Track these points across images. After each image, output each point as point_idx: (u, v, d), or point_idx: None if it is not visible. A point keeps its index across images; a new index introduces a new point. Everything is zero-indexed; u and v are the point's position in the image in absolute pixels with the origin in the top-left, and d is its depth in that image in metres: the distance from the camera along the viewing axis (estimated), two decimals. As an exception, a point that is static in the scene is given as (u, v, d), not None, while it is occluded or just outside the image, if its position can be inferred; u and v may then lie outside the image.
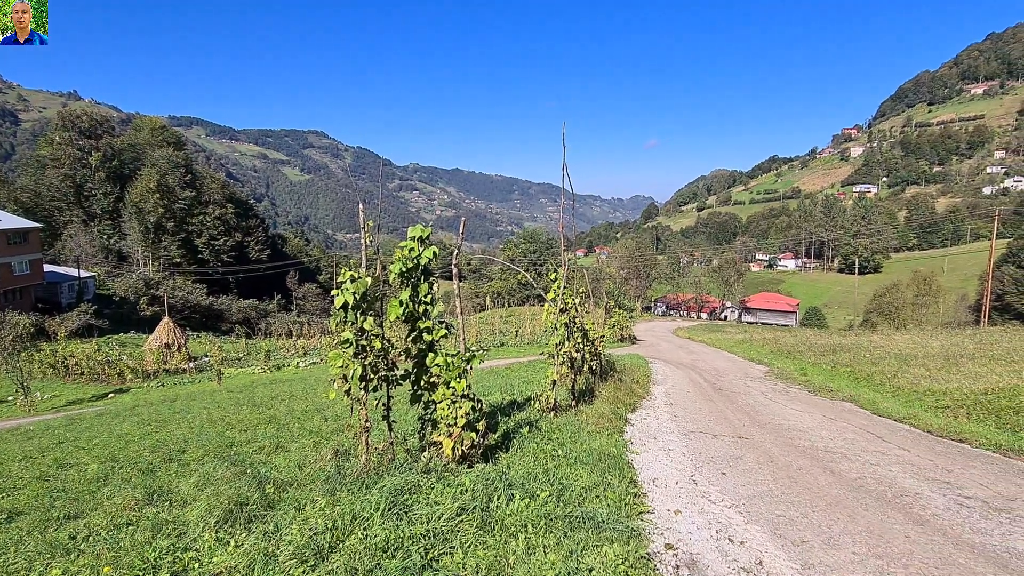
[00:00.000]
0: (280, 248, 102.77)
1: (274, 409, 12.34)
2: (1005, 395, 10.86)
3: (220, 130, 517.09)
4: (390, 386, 5.84)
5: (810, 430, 9.23)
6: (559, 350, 9.00)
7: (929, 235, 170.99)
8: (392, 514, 4.43)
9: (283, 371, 27.43)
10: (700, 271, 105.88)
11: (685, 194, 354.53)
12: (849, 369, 16.96)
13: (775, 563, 4.30)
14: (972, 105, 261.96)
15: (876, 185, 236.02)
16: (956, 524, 5.11)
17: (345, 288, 5.32)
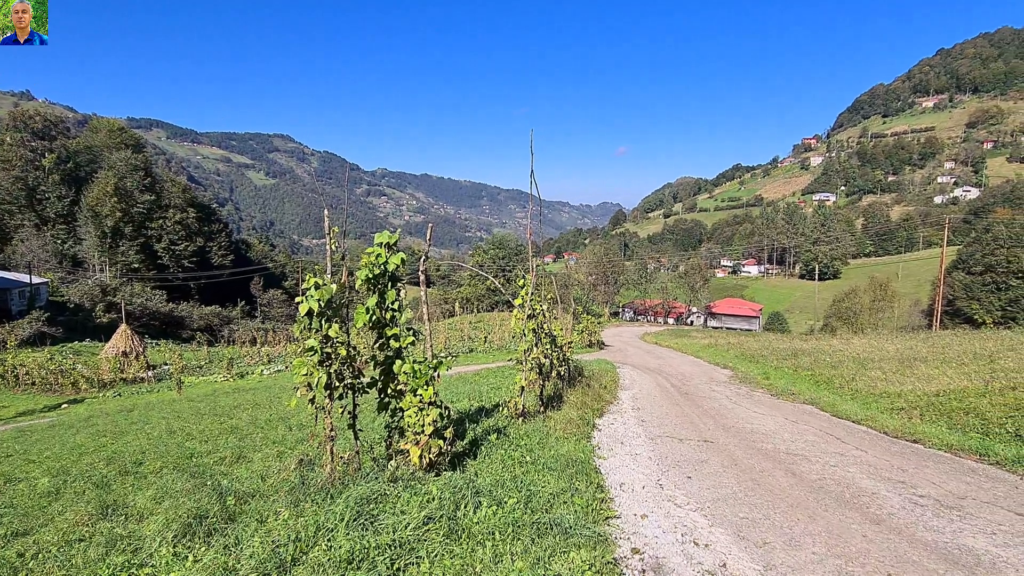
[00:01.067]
0: (244, 254, 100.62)
1: (237, 418, 12.04)
2: (955, 397, 11.27)
3: (181, 132, 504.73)
4: (356, 394, 5.77)
5: (773, 433, 9.42)
6: (527, 356, 9.01)
7: (885, 242, 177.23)
8: (357, 524, 4.36)
9: (247, 379, 26.81)
10: (667, 277, 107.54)
11: (652, 201, 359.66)
12: (810, 372, 17.40)
13: (738, 565, 4.37)
14: (923, 117, 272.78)
15: (835, 194, 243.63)
16: (911, 523, 5.27)
17: (310, 295, 5.23)
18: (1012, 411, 9.56)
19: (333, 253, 5.71)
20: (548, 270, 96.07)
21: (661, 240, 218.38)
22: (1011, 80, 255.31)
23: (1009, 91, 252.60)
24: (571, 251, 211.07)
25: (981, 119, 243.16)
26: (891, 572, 4.25)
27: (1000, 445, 8.13)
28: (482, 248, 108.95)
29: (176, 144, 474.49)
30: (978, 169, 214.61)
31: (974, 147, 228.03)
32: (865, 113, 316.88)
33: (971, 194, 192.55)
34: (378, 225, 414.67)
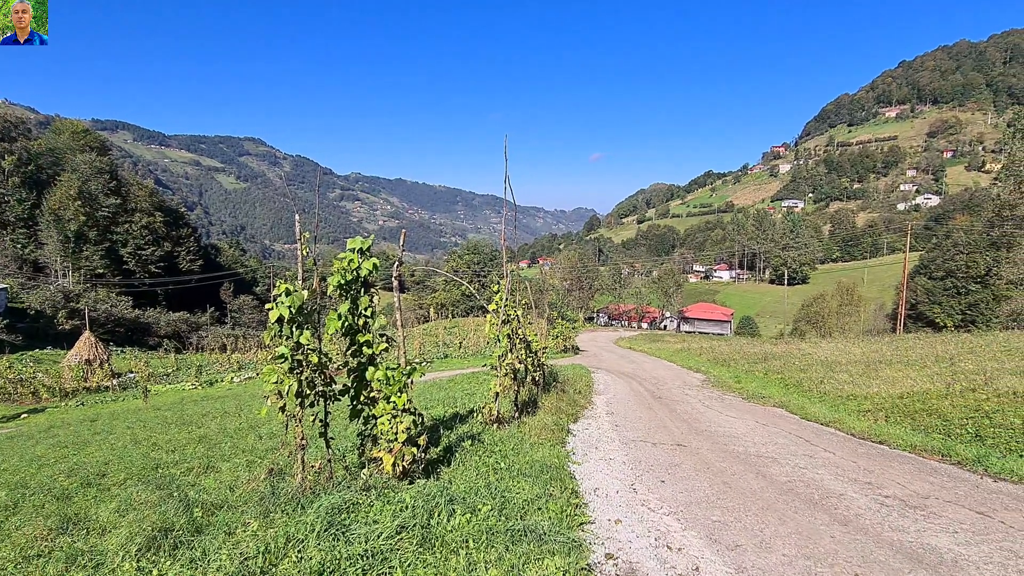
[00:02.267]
0: (214, 259, 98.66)
1: (205, 427, 11.76)
2: (919, 398, 11.58)
3: (149, 135, 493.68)
4: (328, 401, 5.69)
5: (744, 436, 9.56)
6: (502, 361, 9.00)
7: (851, 248, 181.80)
8: (329, 535, 4.29)
9: (216, 387, 26.25)
10: (641, 282, 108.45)
11: (626, 207, 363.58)
12: (780, 376, 17.71)
13: (711, 568, 4.41)
14: (886, 127, 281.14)
15: (803, 200, 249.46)
16: (877, 523, 5.38)
17: (280, 301, 5.15)
18: (972, 412, 9.85)
19: (304, 258, 5.63)
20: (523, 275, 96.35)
21: (635, 246, 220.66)
22: (968, 92, 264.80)
23: (967, 102, 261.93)
24: (546, 256, 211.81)
25: (941, 129, 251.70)
26: (858, 572, 4.33)
27: (961, 445, 8.37)
28: (457, 253, 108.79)
29: (143, 147, 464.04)
30: (938, 177, 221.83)
31: (934, 156, 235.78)
32: (831, 122, 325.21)
33: (932, 201, 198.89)
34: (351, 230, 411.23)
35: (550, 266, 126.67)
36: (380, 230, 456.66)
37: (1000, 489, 6.53)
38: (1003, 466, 7.21)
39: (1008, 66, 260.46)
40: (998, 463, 7.34)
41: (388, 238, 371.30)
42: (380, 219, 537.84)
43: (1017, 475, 6.89)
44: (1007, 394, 10.53)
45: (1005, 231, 49.22)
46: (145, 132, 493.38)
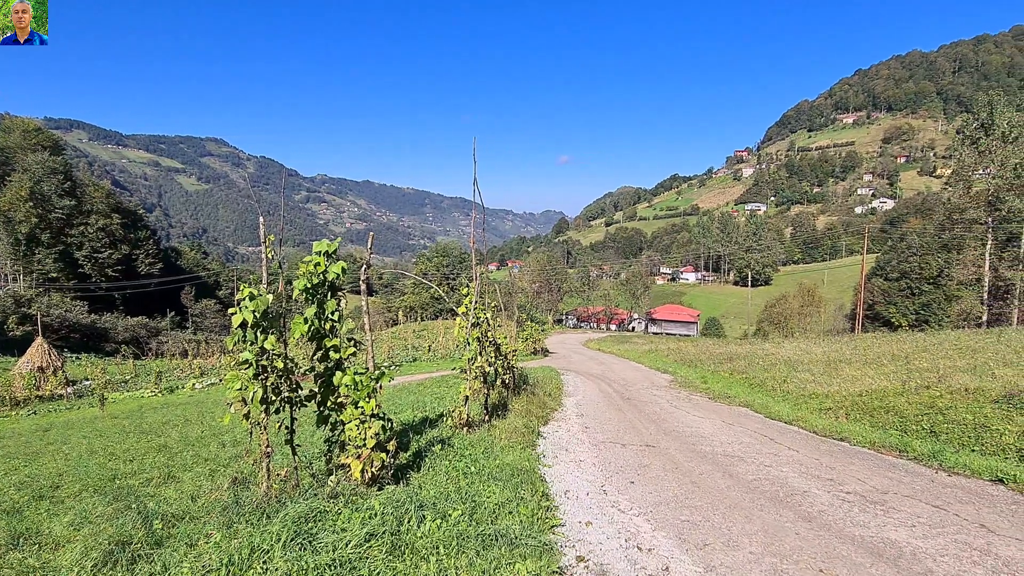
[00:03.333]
0: (174, 262, 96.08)
1: (165, 436, 11.42)
2: (877, 396, 11.93)
3: (105, 134, 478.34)
4: (294, 408, 5.56)
5: (711, 436, 9.71)
6: (472, 365, 8.96)
7: (811, 250, 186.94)
8: (295, 544, 4.19)
9: (177, 394, 25.50)
10: (609, 284, 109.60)
11: (594, 209, 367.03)
12: (744, 376, 18.06)
13: (680, 567, 4.45)
14: (844, 132, 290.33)
15: (765, 204, 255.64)
16: (839, 519, 5.52)
17: (244, 306, 5.02)
18: (927, 409, 10.20)
19: (269, 262, 5.51)
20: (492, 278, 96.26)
21: (603, 248, 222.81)
22: (920, 100, 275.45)
23: (919, 110, 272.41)
24: (515, 259, 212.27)
25: (895, 135, 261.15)
26: (823, 567, 4.43)
27: (917, 441, 8.65)
28: (426, 256, 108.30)
29: (99, 146, 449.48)
30: (893, 182, 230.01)
31: (889, 161, 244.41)
32: (792, 127, 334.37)
33: (887, 205, 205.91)
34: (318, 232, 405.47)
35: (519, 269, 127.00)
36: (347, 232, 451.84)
37: (954, 483, 6.76)
38: (956, 461, 7.47)
39: (956, 75, 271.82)
40: (952, 458, 7.60)
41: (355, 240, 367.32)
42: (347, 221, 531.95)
43: (970, 469, 7.15)
44: (959, 391, 10.92)
45: (955, 234, 51.18)
46: (101, 131, 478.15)
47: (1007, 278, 43.89)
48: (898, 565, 4.47)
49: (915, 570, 4.38)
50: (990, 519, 5.48)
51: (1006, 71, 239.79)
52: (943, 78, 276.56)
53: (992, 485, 6.64)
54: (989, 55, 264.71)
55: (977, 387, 10.94)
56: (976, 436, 8.56)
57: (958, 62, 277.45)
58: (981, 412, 9.33)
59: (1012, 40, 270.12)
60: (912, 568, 4.41)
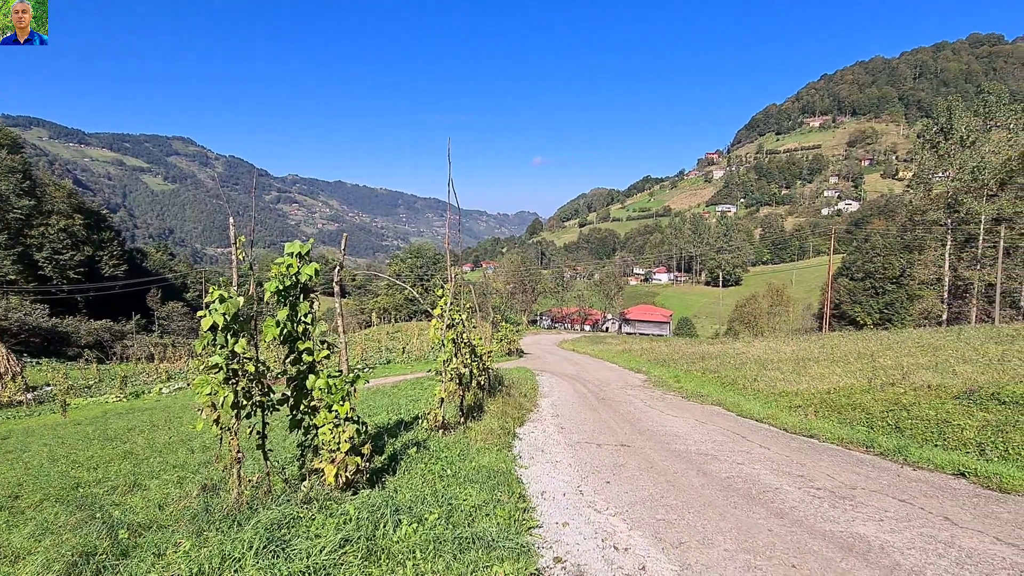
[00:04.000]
0: (139, 263, 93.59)
1: (131, 442, 11.10)
2: (844, 394, 12.22)
3: (67, 132, 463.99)
4: (266, 412, 5.45)
5: (685, 434, 9.81)
6: (447, 367, 8.91)
7: (780, 251, 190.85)
8: (268, 552, 4.10)
9: (143, 399, 24.83)
10: (583, 285, 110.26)
11: (567, 210, 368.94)
12: (716, 375, 18.32)
13: (656, 566, 4.48)
14: (811, 136, 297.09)
15: (735, 205, 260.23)
16: (810, 515, 5.62)
17: (214, 308, 4.90)
18: (892, 406, 10.48)
19: (240, 263, 5.39)
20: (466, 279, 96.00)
21: (577, 249, 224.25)
22: (883, 104, 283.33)
23: (882, 114, 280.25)
24: (489, 260, 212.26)
25: (859, 139, 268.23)
26: (795, 563, 4.50)
27: (883, 437, 8.88)
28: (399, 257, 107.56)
29: (60, 145, 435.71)
30: (858, 184, 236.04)
31: (854, 164, 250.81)
32: (761, 130, 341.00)
33: (852, 207, 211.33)
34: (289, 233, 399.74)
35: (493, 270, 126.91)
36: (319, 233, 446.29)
37: (919, 477, 6.95)
38: (921, 455, 7.69)
39: (917, 81, 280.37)
40: (916, 452, 7.82)
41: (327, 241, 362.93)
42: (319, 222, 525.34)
43: (933, 463, 7.35)
44: (922, 388, 11.25)
45: (917, 235, 52.78)
46: (62, 129, 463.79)
47: (965, 278, 45.40)
48: (867, 559, 4.57)
49: (883, 564, 4.48)
50: (953, 512, 5.64)
51: (963, 78, 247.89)
52: (905, 84, 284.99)
53: (954, 479, 6.84)
54: (947, 62, 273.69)
55: (939, 384, 11.28)
56: (939, 431, 8.82)
57: (918, 68, 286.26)
58: (943, 408, 9.62)
59: (969, 48, 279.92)
60: (881, 562, 4.51)
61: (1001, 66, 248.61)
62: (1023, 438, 7.78)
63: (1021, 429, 8.02)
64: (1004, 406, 9.02)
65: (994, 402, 9.28)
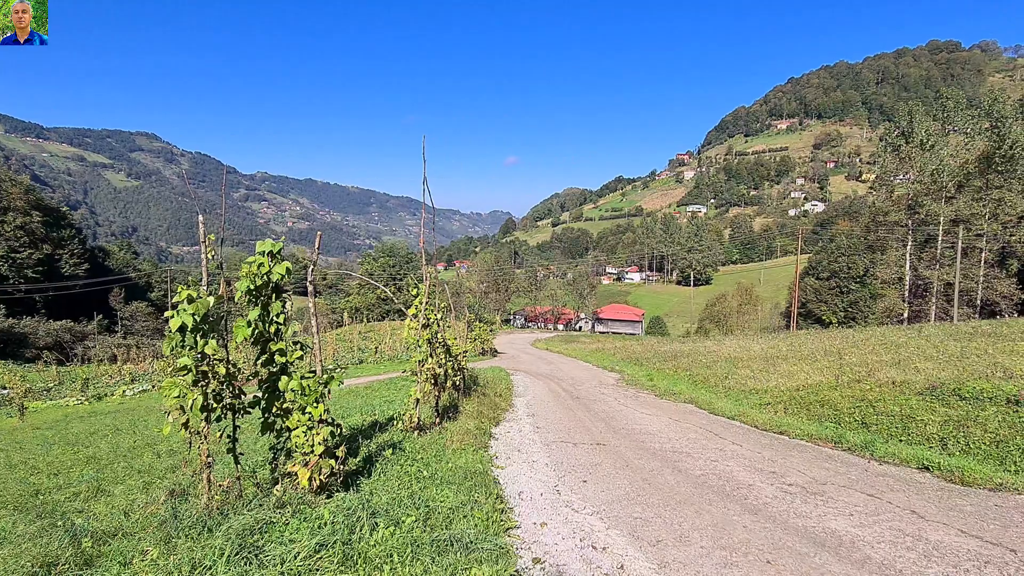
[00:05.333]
0: (102, 262, 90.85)
1: (94, 447, 10.74)
2: (812, 390, 12.47)
3: (24, 127, 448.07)
4: (237, 415, 5.32)
5: (659, 432, 9.90)
6: (422, 367, 8.83)
7: (749, 250, 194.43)
8: (240, 559, 3.99)
9: (106, 401, 24.10)
10: (556, 284, 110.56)
11: (541, 210, 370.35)
12: (688, 373, 18.54)
13: (634, 565, 4.50)
14: (778, 138, 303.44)
15: (705, 206, 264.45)
16: (783, 510, 5.71)
17: (182, 309, 4.76)
18: (858, 402, 10.73)
19: (209, 262, 5.24)
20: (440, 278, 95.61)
21: (550, 248, 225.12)
22: (847, 108, 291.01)
23: (846, 118, 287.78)
24: (462, 259, 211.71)
25: (825, 141, 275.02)
26: (769, 559, 4.56)
27: (851, 433, 9.08)
28: (372, 256, 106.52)
29: (17, 140, 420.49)
30: (823, 186, 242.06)
31: (820, 166, 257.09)
32: (730, 132, 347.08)
33: (818, 208, 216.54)
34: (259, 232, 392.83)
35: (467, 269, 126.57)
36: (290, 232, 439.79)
37: (886, 472, 7.13)
38: (887, 450, 7.89)
39: (880, 86, 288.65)
40: (882, 447, 8.02)
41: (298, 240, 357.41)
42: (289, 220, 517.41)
43: (899, 458, 7.55)
44: (887, 384, 11.55)
45: (880, 236, 54.27)
46: (19, 123, 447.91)
47: (925, 277, 46.87)
48: (839, 554, 4.65)
49: (855, 558, 4.57)
50: (920, 505, 5.79)
51: (923, 83, 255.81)
52: (868, 88, 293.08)
53: (919, 472, 7.04)
54: (908, 68, 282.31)
55: (903, 380, 11.59)
56: (903, 426, 9.06)
57: (881, 73, 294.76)
58: (907, 404, 9.89)
59: (928, 55, 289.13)
60: (852, 556, 4.61)
61: (958, 72, 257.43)
62: (983, 433, 8.04)
63: (981, 424, 8.29)
64: (964, 402, 9.32)
65: (955, 398, 9.58)
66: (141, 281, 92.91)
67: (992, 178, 43.52)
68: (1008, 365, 11.55)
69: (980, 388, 9.52)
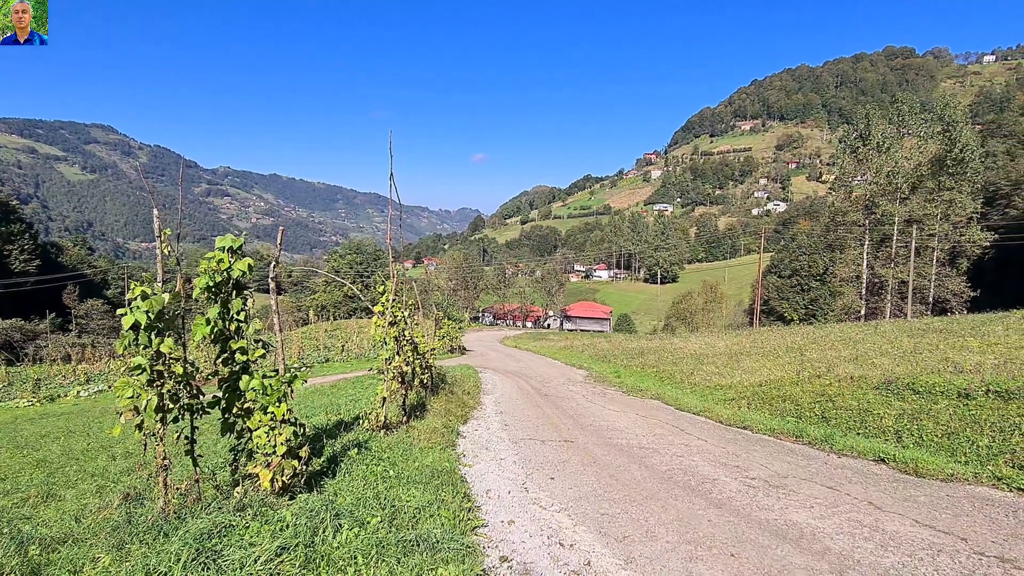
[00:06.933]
0: (54, 258, 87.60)
1: (44, 450, 10.31)
2: (774, 386, 12.75)
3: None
4: (195, 415, 5.15)
5: (626, 429, 9.99)
6: (389, 365, 8.72)
7: (713, 249, 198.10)
8: (197, 564, 3.86)
9: (59, 403, 23.21)
10: (524, 282, 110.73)
11: (510, 208, 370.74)
12: (655, 370, 18.78)
13: (601, 561, 4.51)
14: (742, 139, 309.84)
15: (672, 204, 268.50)
16: (746, 504, 5.81)
17: (136, 306, 4.58)
18: (818, 397, 11.01)
19: (166, 258, 5.06)
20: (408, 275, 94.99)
21: (519, 246, 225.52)
22: (808, 110, 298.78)
23: (807, 120, 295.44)
24: (431, 256, 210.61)
25: (787, 143, 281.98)
26: (733, 552, 4.63)
27: (811, 427, 9.31)
28: (338, 253, 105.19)
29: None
30: (785, 186, 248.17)
31: (782, 167, 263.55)
32: (696, 132, 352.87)
33: (780, 207, 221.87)
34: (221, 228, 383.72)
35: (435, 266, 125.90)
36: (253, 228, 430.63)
37: (844, 464, 7.32)
38: (845, 443, 8.10)
39: (839, 89, 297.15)
40: (841, 441, 8.24)
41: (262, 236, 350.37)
42: (253, 216, 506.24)
43: (857, 451, 7.76)
44: (845, 379, 11.87)
45: (839, 235, 55.98)
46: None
47: (881, 275, 48.44)
48: (800, 545, 4.75)
49: (815, 549, 4.67)
50: (876, 496, 5.96)
51: (880, 87, 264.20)
52: (827, 91, 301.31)
53: (876, 464, 7.25)
54: (866, 72, 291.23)
55: (860, 375, 11.93)
56: (861, 420, 9.33)
57: (840, 77, 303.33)
58: (864, 398, 10.19)
59: (885, 60, 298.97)
60: (812, 547, 4.71)
61: (913, 77, 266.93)
62: (935, 425, 8.32)
63: (933, 417, 8.58)
64: (918, 395, 9.63)
65: (909, 392, 9.90)
66: (97, 278, 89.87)
67: (944, 180, 45.22)
68: (958, 360, 11.98)
69: (932, 382, 9.85)
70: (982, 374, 9.85)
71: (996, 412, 7.98)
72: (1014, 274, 50.67)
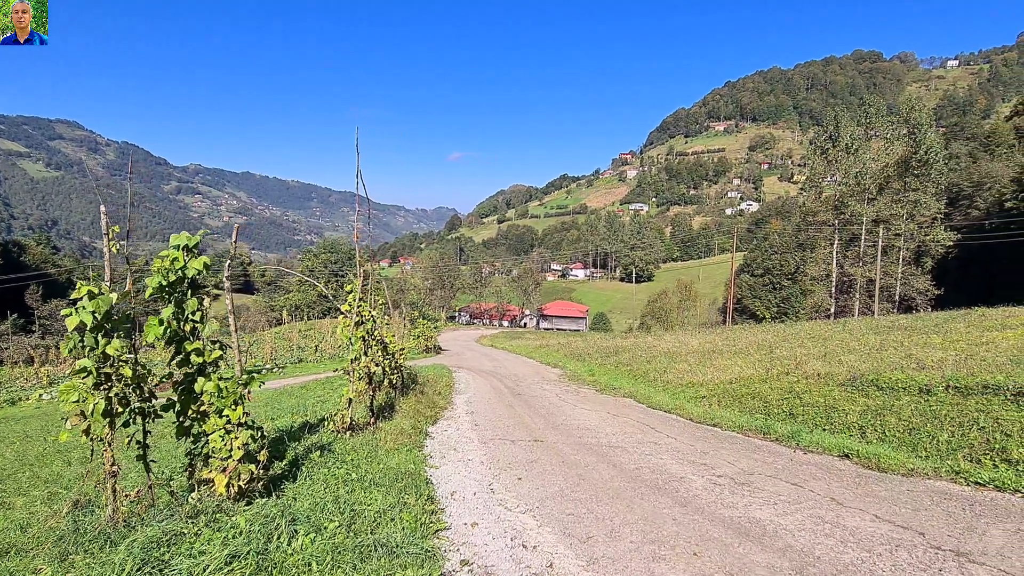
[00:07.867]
0: (16, 257, 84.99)
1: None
2: (744, 384, 12.86)
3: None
4: (148, 419, 4.97)
5: (597, 428, 9.98)
6: (355, 365, 8.57)
7: (688, 248, 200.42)
8: (143, 575, 3.71)
9: (20, 406, 22.45)
10: (501, 281, 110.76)
11: (486, 207, 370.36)
12: (629, 368, 18.84)
13: (564, 563, 4.46)
14: (716, 139, 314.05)
15: (647, 204, 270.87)
16: (712, 502, 5.82)
17: (82, 306, 4.40)
18: (786, 394, 11.13)
19: (114, 256, 4.88)
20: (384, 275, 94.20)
21: (495, 245, 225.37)
22: (780, 112, 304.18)
23: (779, 121, 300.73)
24: (407, 255, 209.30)
25: (759, 144, 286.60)
26: (696, 551, 4.62)
27: (778, 424, 9.40)
28: (313, 252, 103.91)
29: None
30: (758, 186, 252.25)
31: (754, 167, 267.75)
32: (671, 132, 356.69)
33: (753, 207, 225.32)
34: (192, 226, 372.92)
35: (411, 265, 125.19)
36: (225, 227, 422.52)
37: (809, 460, 7.40)
38: (811, 440, 8.19)
39: (809, 92, 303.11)
40: (807, 437, 8.32)
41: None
42: (225, 215, 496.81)
43: (822, 446, 7.86)
44: (813, 376, 12.02)
45: (809, 234, 57.09)
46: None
47: (850, 274, 49.47)
48: (762, 543, 4.76)
49: (777, 546, 4.68)
50: (839, 492, 6.02)
51: (849, 90, 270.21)
52: (798, 94, 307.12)
53: (840, 460, 7.33)
54: (835, 75, 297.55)
55: (827, 372, 12.08)
56: (827, 416, 9.45)
57: (810, 80, 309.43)
58: (830, 395, 10.32)
59: (853, 63, 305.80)
60: (774, 544, 4.72)
61: (880, 81, 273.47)
62: (898, 421, 8.46)
63: (896, 413, 8.72)
64: (882, 392, 9.79)
65: (873, 388, 10.05)
66: (61, 277, 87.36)
67: (909, 181, 46.34)
68: (921, 357, 12.22)
69: (896, 378, 10.02)
70: (943, 370, 10.04)
71: (955, 407, 8.13)
72: (976, 273, 52.21)
